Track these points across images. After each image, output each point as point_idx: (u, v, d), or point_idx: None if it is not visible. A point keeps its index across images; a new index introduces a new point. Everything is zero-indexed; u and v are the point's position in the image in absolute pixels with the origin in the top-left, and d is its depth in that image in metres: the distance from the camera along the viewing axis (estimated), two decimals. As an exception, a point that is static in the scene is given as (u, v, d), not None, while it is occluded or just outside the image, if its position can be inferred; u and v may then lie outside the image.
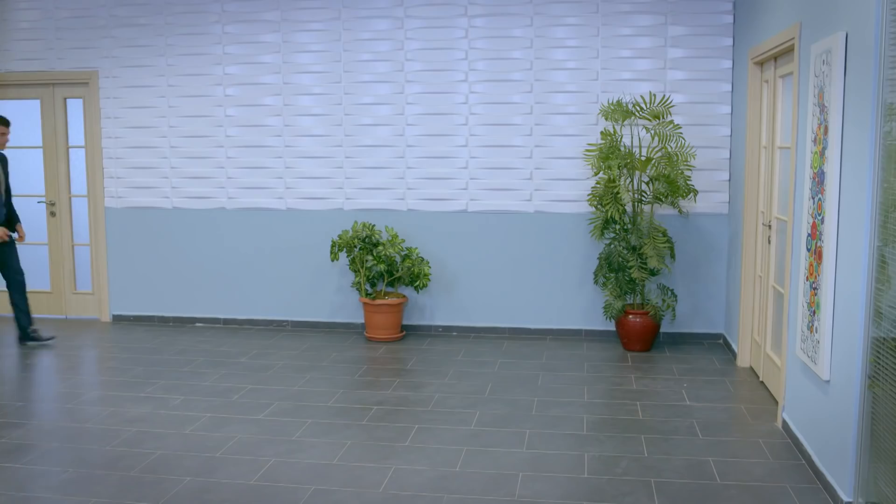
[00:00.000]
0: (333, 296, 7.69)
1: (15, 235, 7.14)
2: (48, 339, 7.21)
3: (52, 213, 8.19)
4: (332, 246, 7.16)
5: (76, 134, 8.15)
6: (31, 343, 7.14)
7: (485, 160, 7.32)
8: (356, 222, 7.23)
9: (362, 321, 7.56)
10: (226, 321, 7.87)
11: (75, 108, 8.10)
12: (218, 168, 7.75)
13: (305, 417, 5.29)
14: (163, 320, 7.99)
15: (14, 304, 7.05)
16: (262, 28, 7.56)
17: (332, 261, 7.24)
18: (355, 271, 7.26)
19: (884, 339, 3.54)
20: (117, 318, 8.08)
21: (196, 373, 6.30)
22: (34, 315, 8.21)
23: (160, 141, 7.82)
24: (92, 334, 7.62)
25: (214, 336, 7.47)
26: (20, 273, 7.07)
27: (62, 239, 8.21)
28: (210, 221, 7.81)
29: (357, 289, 7.37)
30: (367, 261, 7.16)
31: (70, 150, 8.17)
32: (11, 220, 7.12)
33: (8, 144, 7.50)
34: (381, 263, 7.12)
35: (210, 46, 7.65)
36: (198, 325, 7.91)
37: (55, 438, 4.97)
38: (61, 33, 7.88)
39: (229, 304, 7.86)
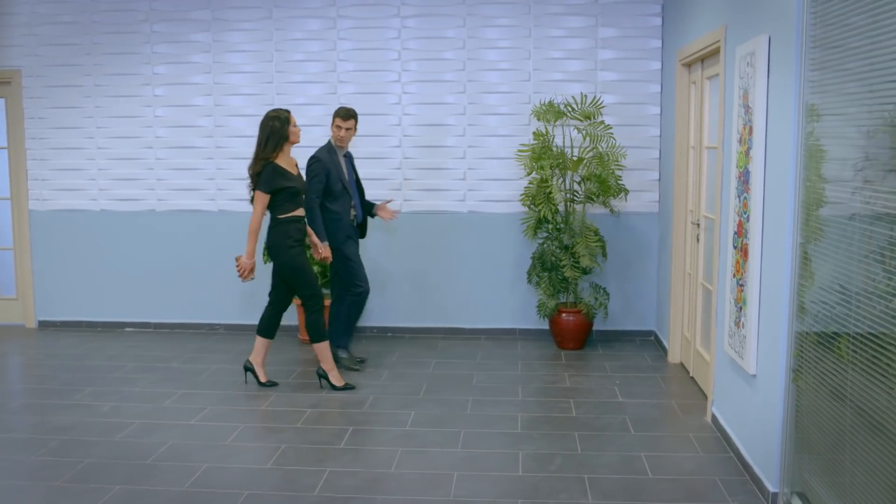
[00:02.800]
0: (266, 298, 7.58)
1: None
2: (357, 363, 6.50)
3: (-26, 217, 7.94)
4: (265, 248, 7.07)
5: (-2, 135, 7.93)
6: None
7: (418, 161, 7.32)
8: (289, 224, 7.16)
9: (296, 323, 7.48)
10: (156, 325, 7.73)
11: (-3, 108, 7.88)
12: (147, 170, 7.60)
13: (238, 422, 5.23)
14: (91, 325, 7.80)
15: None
16: (192, 27, 7.44)
17: (265, 262, 7.15)
18: (289, 273, 7.18)
19: (807, 333, 3.64)
20: (43, 324, 7.88)
21: (126, 378, 6.17)
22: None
23: (87, 142, 7.64)
24: (17, 341, 7.41)
25: (145, 341, 7.33)
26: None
27: (-16, 243, 7.97)
28: (140, 224, 7.66)
29: (291, 291, 7.30)
30: (300, 262, 7.09)
31: (-8, 151, 7.94)
32: (366, 215, 6.47)
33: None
34: (315, 265, 7.06)
35: (138, 45, 7.50)
36: (127, 329, 7.75)
37: (-22, 448, 4.83)
38: (-19, 31, 7.66)
39: (160, 308, 7.72)
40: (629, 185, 7.06)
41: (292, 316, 7.51)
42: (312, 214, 5.98)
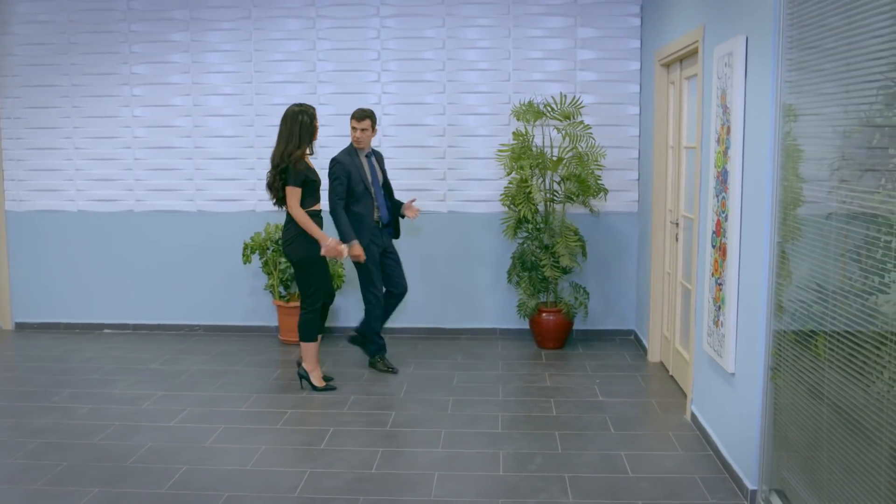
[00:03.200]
0: (246, 299, 7.57)
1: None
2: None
3: (-51, 218, 7.86)
4: (245, 248, 7.06)
5: (-26, 135, 7.84)
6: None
7: (398, 160, 7.31)
8: (269, 224, 7.15)
9: (276, 324, 7.47)
10: (135, 327, 7.68)
11: (-27, 108, 7.79)
12: (126, 170, 7.55)
13: (218, 423, 5.20)
14: (69, 327, 7.75)
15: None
16: (170, 27, 7.40)
17: (245, 263, 7.13)
18: (268, 273, 7.17)
19: (784, 331, 3.67)
20: (20, 326, 7.81)
21: (104, 380, 6.13)
22: None
23: (64, 142, 7.58)
24: (-7, 343, 7.35)
25: (124, 342, 7.28)
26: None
27: (-40, 244, 7.88)
28: (118, 224, 7.61)
29: (270, 291, 7.28)
30: (279, 262, 7.08)
31: (-33, 151, 7.86)
32: (397, 215, 6.36)
33: None
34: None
35: (116, 45, 7.45)
36: (106, 331, 7.70)
37: (-46, 452, 4.78)
38: (-44, 30, 7.58)
39: (139, 309, 7.67)
40: (609, 184, 7.08)
41: (272, 316, 7.49)
42: (336, 217, 5.94)
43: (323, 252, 5.59)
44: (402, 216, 6.39)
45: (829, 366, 3.18)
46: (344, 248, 5.64)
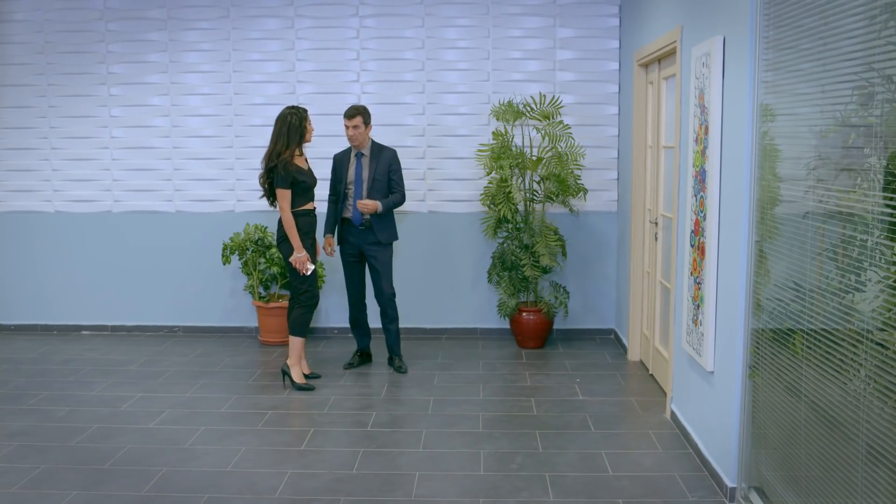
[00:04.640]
0: (226, 299, 7.54)
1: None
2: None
3: (-76, 219, 7.77)
4: (224, 249, 7.03)
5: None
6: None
7: (378, 161, 7.29)
8: (248, 224, 7.12)
9: (256, 325, 7.44)
10: (114, 328, 7.63)
11: (-53, 108, 7.71)
12: (103, 170, 7.50)
13: (198, 424, 5.18)
14: (46, 329, 7.68)
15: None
16: (148, 26, 7.35)
17: (224, 264, 7.10)
18: (248, 274, 7.14)
19: (762, 330, 3.69)
20: (-3, 328, 7.75)
21: (82, 382, 6.08)
22: None
23: (41, 142, 7.52)
24: (-31, 345, 7.28)
25: (102, 344, 7.23)
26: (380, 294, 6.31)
27: (-65, 246, 7.80)
28: (96, 225, 7.55)
29: (250, 292, 7.25)
30: (259, 263, 7.06)
31: (-58, 152, 7.77)
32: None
33: None
34: (275, 266, 7.03)
35: (92, 44, 7.39)
36: (84, 332, 7.64)
37: (-71, 455, 4.73)
38: (-69, 30, 7.50)
39: (117, 311, 7.61)
40: (588, 184, 7.11)
41: (252, 317, 7.46)
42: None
43: (291, 258, 5.77)
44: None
45: (807, 364, 3.20)
46: (309, 267, 5.80)
